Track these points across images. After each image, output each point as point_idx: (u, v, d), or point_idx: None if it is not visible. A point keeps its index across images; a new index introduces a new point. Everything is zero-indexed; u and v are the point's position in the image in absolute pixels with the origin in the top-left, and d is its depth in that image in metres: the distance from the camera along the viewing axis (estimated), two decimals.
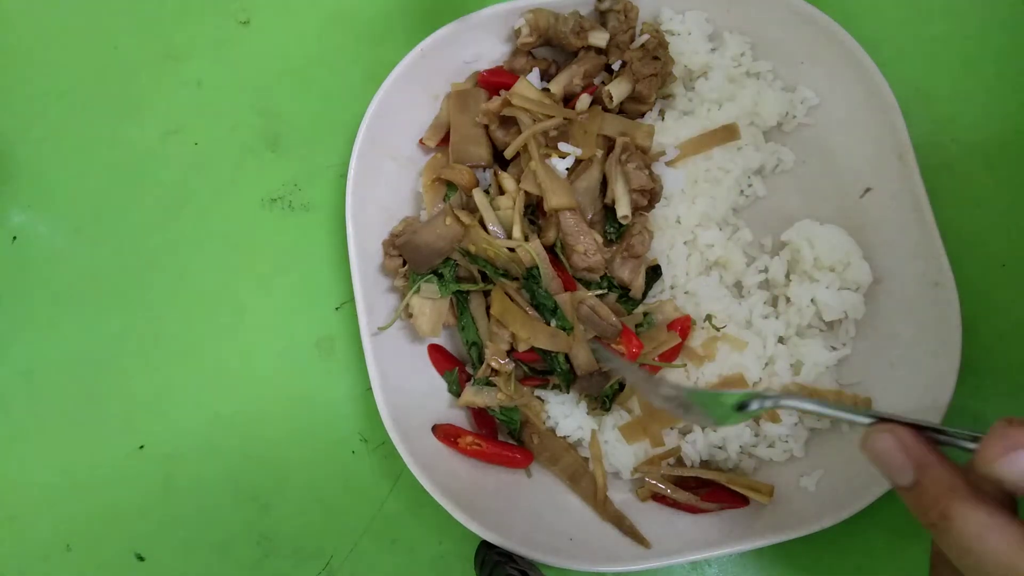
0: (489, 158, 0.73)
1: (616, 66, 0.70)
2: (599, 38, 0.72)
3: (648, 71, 0.70)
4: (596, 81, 0.74)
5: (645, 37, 0.71)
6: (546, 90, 0.72)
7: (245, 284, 0.79)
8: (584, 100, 0.70)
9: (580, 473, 0.69)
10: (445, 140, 0.75)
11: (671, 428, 0.68)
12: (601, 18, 0.74)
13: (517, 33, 0.72)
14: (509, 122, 0.71)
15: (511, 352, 0.68)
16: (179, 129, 0.84)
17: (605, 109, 0.71)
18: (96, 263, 0.81)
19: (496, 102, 0.70)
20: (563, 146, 0.67)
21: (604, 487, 0.68)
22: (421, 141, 0.76)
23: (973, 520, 0.40)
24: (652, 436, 0.67)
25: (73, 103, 0.85)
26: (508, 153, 0.68)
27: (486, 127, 0.72)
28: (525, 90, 0.70)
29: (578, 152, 0.67)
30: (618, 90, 0.70)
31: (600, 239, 0.67)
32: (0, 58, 0.87)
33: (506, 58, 0.76)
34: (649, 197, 0.67)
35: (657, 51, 0.70)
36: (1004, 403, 0.68)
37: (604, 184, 0.68)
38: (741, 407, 0.50)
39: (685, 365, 0.68)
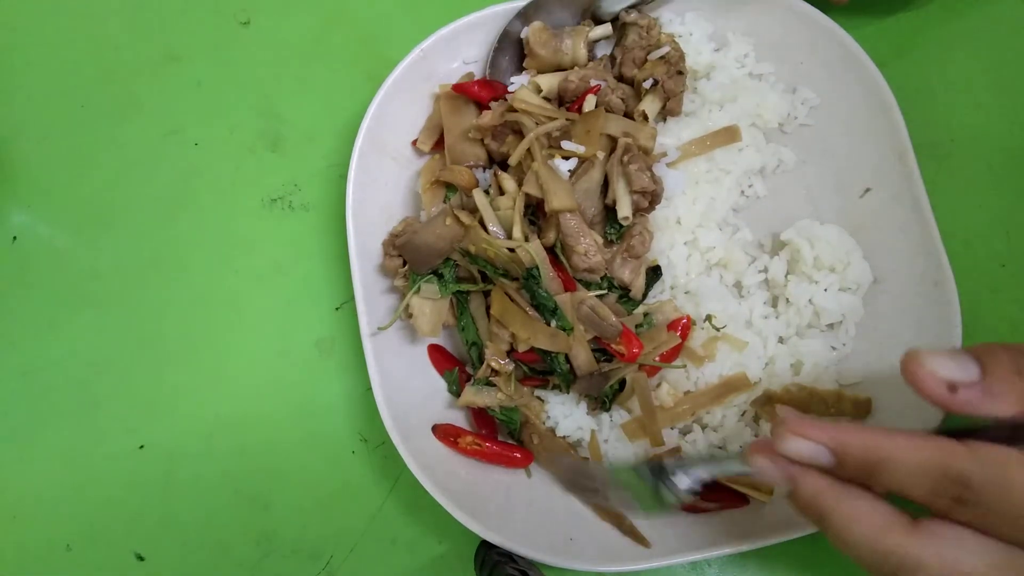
0: (485, 158, 0.73)
1: (648, 84, 0.71)
2: (599, 32, 0.73)
3: (678, 88, 0.70)
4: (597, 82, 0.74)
5: (665, 49, 0.71)
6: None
7: (245, 284, 0.79)
8: (590, 100, 0.70)
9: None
10: (439, 143, 0.75)
11: (671, 427, 0.68)
12: (622, 28, 0.75)
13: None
14: (502, 133, 0.71)
15: (511, 352, 0.68)
16: (179, 129, 0.84)
17: (608, 110, 0.71)
18: (96, 263, 0.81)
19: (488, 116, 0.70)
20: (567, 144, 0.67)
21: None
22: (414, 143, 0.76)
23: (839, 514, 0.45)
24: (652, 435, 0.67)
25: (74, 103, 0.86)
26: (512, 161, 0.68)
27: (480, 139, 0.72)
28: (527, 96, 0.70)
29: (581, 150, 0.67)
30: (652, 108, 0.71)
31: (600, 240, 0.67)
32: (1, 58, 0.87)
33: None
34: (650, 199, 0.67)
35: (679, 64, 0.71)
36: None
37: (605, 185, 0.68)
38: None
39: (685, 365, 0.68)
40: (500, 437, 0.71)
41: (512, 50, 0.76)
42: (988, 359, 0.47)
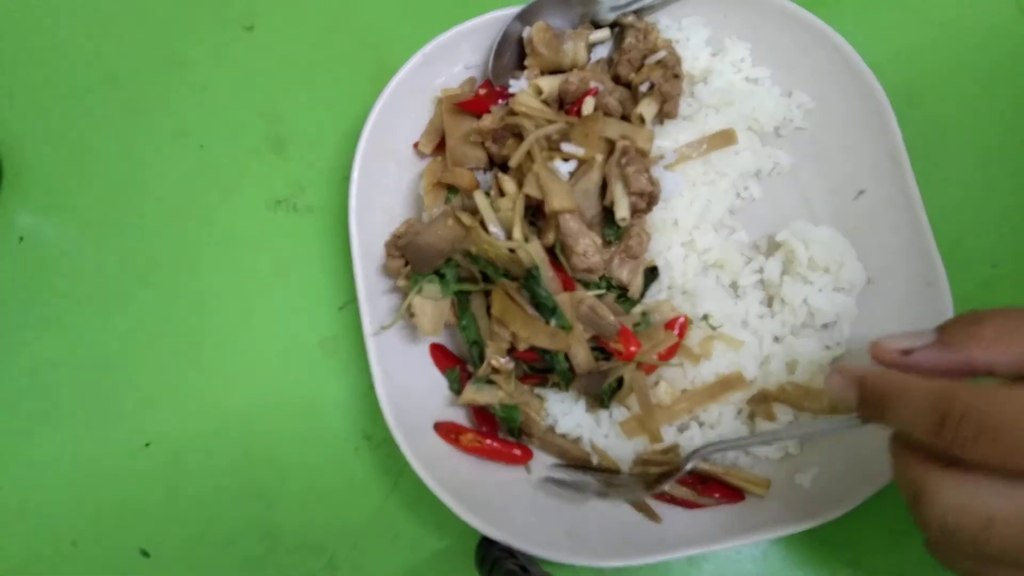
0: (486, 161, 0.74)
1: (644, 87, 0.72)
2: (599, 36, 0.75)
3: (675, 92, 0.72)
4: (595, 85, 0.75)
5: (662, 54, 0.72)
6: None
7: (250, 285, 0.80)
8: (588, 104, 0.71)
9: (587, 463, 0.70)
10: (440, 146, 0.77)
11: (669, 425, 0.69)
12: (620, 32, 0.76)
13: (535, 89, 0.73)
14: (503, 136, 0.72)
15: (511, 351, 0.69)
16: (185, 132, 0.85)
17: (607, 114, 0.72)
18: (102, 263, 0.82)
19: (488, 120, 0.72)
20: (566, 146, 0.68)
21: (616, 465, 0.69)
22: (416, 146, 0.77)
23: (894, 382, 0.47)
24: (650, 432, 0.68)
25: (81, 106, 0.87)
26: (512, 163, 0.69)
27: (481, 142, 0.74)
28: (527, 99, 0.71)
29: (580, 152, 0.68)
30: (649, 112, 0.72)
31: (599, 240, 0.69)
32: (10, 62, 0.89)
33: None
34: (648, 200, 0.68)
35: (676, 68, 0.72)
36: None
37: (604, 187, 0.69)
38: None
39: (682, 364, 0.69)
40: (500, 434, 0.72)
41: (512, 51, 0.77)
42: (947, 322, 0.50)
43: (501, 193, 0.70)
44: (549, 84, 0.72)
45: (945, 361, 0.48)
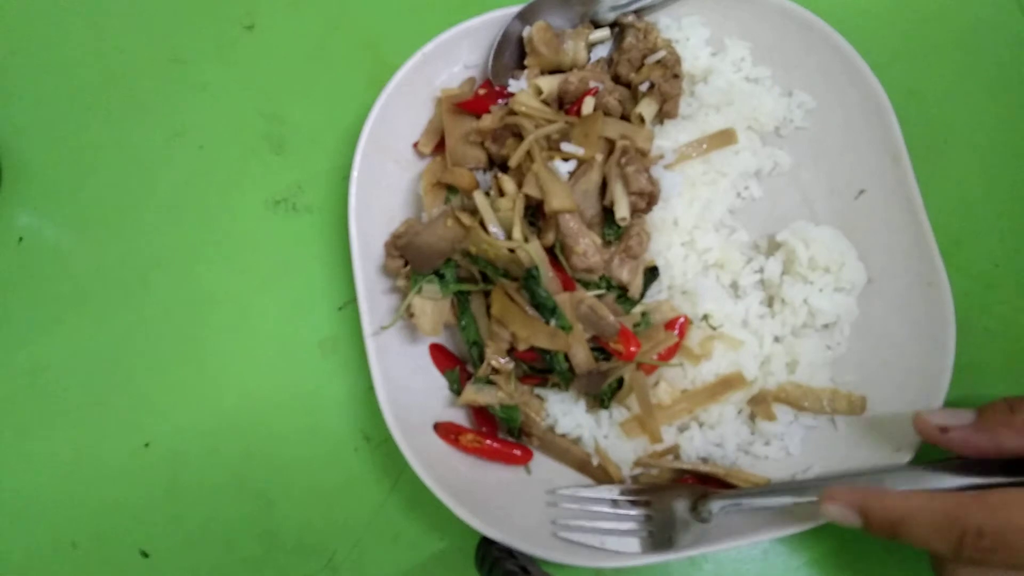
0: (486, 160, 0.74)
1: (644, 87, 0.72)
2: (599, 35, 0.75)
3: (674, 91, 0.71)
4: (595, 84, 0.75)
5: (662, 53, 0.72)
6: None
7: (249, 285, 0.80)
8: (588, 103, 0.71)
9: (587, 463, 0.70)
10: (440, 145, 0.77)
11: (669, 425, 0.69)
12: (620, 31, 0.76)
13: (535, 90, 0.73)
14: (503, 136, 0.72)
15: (511, 351, 0.69)
16: (184, 132, 0.85)
17: (607, 114, 0.72)
18: (102, 264, 0.82)
19: (488, 119, 0.72)
20: (566, 146, 0.68)
21: (618, 470, 0.69)
22: (415, 146, 0.77)
23: (900, 507, 0.52)
24: (650, 433, 0.67)
25: (80, 106, 0.87)
26: (512, 163, 0.70)
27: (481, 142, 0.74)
28: (527, 99, 0.71)
29: (580, 152, 0.68)
30: (649, 111, 0.72)
31: (599, 240, 0.69)
32: (8, 61, 0.89)
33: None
34: (647, 200, 0.68)
35: (676, 68, 0.72)
36: None
37: (604, 186, 0.69)
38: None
39: (682, 364, 0.69)
40: (500, 434, 0.72)
41: (512, 50, 0.77)
42: (986, 407, 0.55)
43: (501, 193, 0.70)
44: (549, 84, 0.72)
45: (978, 444, 0.54)
